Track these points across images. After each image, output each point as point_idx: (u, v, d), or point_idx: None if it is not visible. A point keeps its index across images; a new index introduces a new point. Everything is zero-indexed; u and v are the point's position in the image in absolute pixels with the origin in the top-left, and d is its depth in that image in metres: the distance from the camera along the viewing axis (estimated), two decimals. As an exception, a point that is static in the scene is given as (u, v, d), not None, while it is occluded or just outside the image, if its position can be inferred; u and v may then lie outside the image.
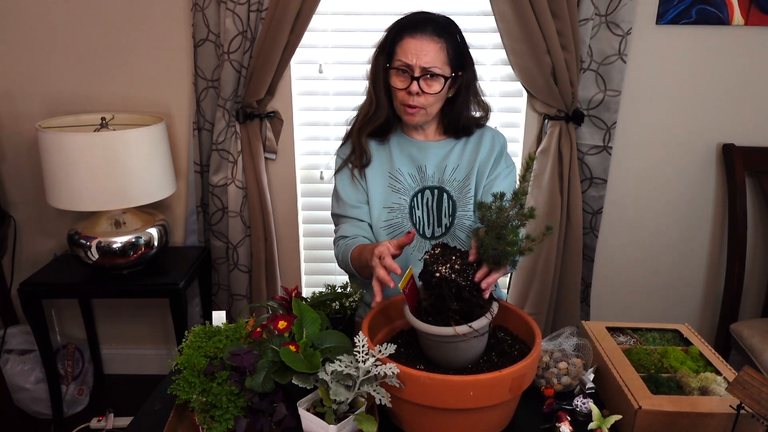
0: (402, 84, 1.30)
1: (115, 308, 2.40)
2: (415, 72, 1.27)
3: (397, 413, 1.01)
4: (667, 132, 2.11)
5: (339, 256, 1.38)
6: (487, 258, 1.00)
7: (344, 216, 1.41)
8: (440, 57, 1.27)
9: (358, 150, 1.39)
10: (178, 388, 0.96)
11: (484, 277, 1.00)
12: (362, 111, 1.40)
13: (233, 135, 2.03)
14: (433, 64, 1.26)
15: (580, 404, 1.05)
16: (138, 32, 2.02)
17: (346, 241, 1.36)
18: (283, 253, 2.28)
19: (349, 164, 1.41)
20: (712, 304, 2.35)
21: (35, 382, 2.14)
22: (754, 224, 2.20)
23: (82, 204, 1.79)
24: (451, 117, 1.38)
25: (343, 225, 1.42)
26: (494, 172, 1.39)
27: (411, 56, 1.26)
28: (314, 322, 0.98)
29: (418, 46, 1.26)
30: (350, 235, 1.37)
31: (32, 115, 2.09)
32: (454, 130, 1.40)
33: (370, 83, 1.37)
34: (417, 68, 1.26)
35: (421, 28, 1.27)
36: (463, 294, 0.98)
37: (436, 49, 1.26)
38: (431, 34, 1.27)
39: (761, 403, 0.86)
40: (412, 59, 1.26)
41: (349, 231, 1.38)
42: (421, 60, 1.26)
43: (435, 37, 1.27)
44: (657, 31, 1.98)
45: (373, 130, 1.38)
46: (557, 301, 2.19)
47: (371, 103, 1.37)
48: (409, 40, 1.27)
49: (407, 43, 1.27)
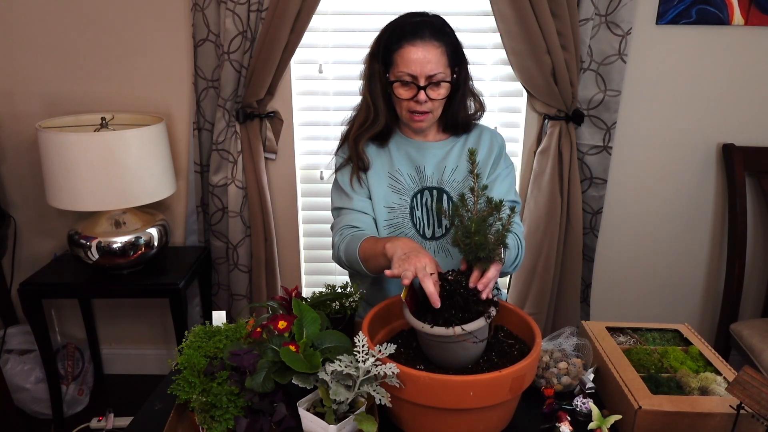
0: (408, 94, 1.27)
1: (115, 308, 2.40)
2: (420, 81, 1.24)
3: (397, 413, 1.01)
4: (667, 132, 2.11)
5: (341, 246, 1.31)
6: (469, 256, 1.01)
7: (349, 209, 1.38)
8: (442, 61, 1.25)
9: (355, 158, 1.37)
10: (178, 388, 0.96)
11: (478, 280, 1.01)
12: (359, 119, 1.37)
13: (233, 135, 2.03)
14: (438, 70, 1.24)
15: (580, 404, 1.05)
16: (138, 32, 2.02)
17: (353, 231, 1.32)
18: (283, 253, 2.28)
19: (351, 164, 1.40)
20: (712, 304, 2.35)
21: (35, 382, 2.13)
22: (754, 224, 2.20)
23: (82, 204, 1.79)
24: (450, 115, 1.37)
25: (347, 215, 1.37)
26: (494, 172, 1.39)
27: (415, 66, 1.23)
28: (314, 322, 0.98)
29: (421, 55, 1.22)
30: (359, 226, 1.33)
31: (32, 115, 2.09)
32: (454, 127, 1.40)
33: (365, 91, 1.34)
34: (422, 78, 1.24)
35: (420, 34, 1.23)
36: (456, 299, 0.99)
37: (438, 55, 1.24)
38: (431, 39, 1.24)
39: (761, 403, 0.86)
40: (416, 69, 1.23)
41: (357, 222, 1.34)
42: (426, 69, 1.23)
43: (435, 41, 1.24)
44: (657, 31, 1.98)
45: (371, 136, 1.37)
46: (557, 301, 2.19)
47: (369, 111, 1.34)
48: (409, 48, 1.23)
49: (408, 52, 1.23)
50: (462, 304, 1.00)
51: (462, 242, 1.01)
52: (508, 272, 1.31)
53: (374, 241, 1.21)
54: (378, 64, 1.30)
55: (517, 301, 2.17)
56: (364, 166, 1.37)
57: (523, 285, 2.15)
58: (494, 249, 1.00)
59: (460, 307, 1.00)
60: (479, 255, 1.00)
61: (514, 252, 1.26)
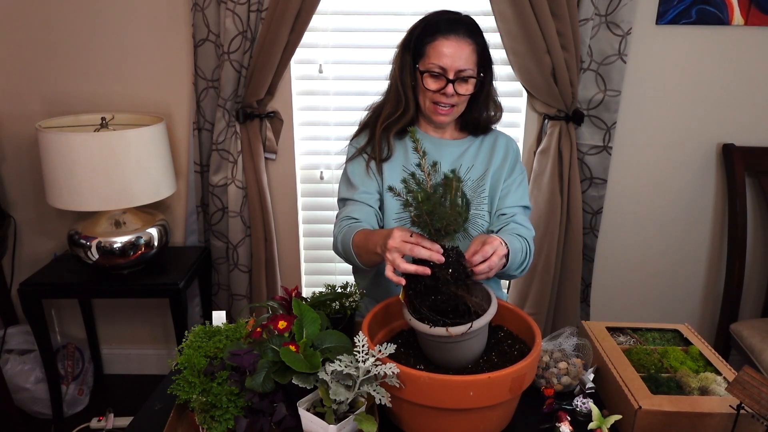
0: (436, 86, 1.30)
1: (115, 308, 2.40)
2: (449, 75, 1.27)
3: (397, 413, 1.01)
4: (667, 132, 2.11)
5: (339, 237, 1.31)
6: (426, 229, 0.98)
7: (352, 200, 1.38)
8: (472, 59, 1.28)
9: (379, 146, 1.38)
10: (178, 388, 0.96)
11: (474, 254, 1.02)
12: (387, 109, 1.38)
13: (233, 135, 2.03)
14: (467, 66, 1.27)
15: (580, 404, 1.05)
16: (138, 32, 2.02)
17: (351, 222, 1.32)
18: (283, 253, 2.29)
19: (365, 155, 1.41)
20: (712, 304, 2.35)
21: (35, 382, 2.13)
22: (754, 224, 2.20)
23: (82, 204, 1.79)
24: (472, 115, 1.39)
25: (349, 206, 1.38)
26: (509, 178, 1.41)
27: (446, 59, 1.26)
28: (314, 322, 0.98)
29: (454, 48, 1.26)
30: (359, 218, 1.33)
31: (32, 115, 2.09)
32: (473, 127, 1.42)
33: (396, 82, 1.36)
34: (452, 71, 1.27)
35: (455, 30, 1.27)
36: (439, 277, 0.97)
37: (469, 51, 1.27)
38: (464, 36, 1.27)
39: (761, 403, 0.86)
40: (447, 62, 1.26)
41: (356, 213, 1.34)
42: (457, 63, 1.26)
43: (468, 38, 1.27)
44: (657, 31, 1.98)
45: (399, 128, 1.39)
46: (557, 301, 2.19)
47: (399, 102, 1.36)
48: (443, 41, 1.26)
49: (441, 45, 1.26)
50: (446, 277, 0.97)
51: (416, 217, 0.98)
52: (514, 275, 1.31)
53: (365, 235, 1.21)
54: (409, 55, 1.32)
55: (517, 301, 2.17)
56: (388, 155, 1.38)
57: (523, 285, 2.15)
58: (453, 219, 0.96)
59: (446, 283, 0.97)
60: (436, 226, 0.96)
61: (520, 255, 1.25)
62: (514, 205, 1.39)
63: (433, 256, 0.96)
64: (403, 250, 0.99)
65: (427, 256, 0.97)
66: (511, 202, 1.39)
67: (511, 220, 1.35)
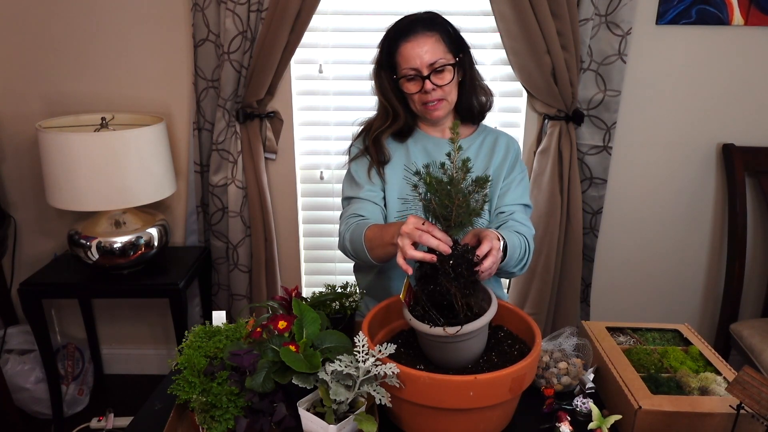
0: (416, 87, 1.32)
1: (115, 308, 2.40)
2: (423, 72, 1.29)
3: (397, 413, 1.01)
4: (667, 132, 2.11)
5: (346, 234, 1.31)
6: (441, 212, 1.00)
7: (358, 198, 1.38)
8: (439, 48, 1.29)
9: (374, 154, 1.40)
10: (178, 388, 0.96)
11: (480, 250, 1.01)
12: (377, 123, 1.41)
13: (233, 135, 2.03)
14: (436, 57, 1.28)
15: (580, 404, 1.05)
16: (138, 32, 2.02)
17: (359, 220, 1.32)
18: (283, 253, 2.28)
19: (367, 155, 1.42)
20: (712, 304, 2.35)
21: (35, 382, 2.13)
22: (754, 224, 2.20)
23: (82, 204, 1.79)
24: (462, 104, 1.40)
25: (354, 204, 1.38)
26: (509, 177, 1.42)
27: (414, 59, 1.28)
28: (314, 322, 0.98)
29: (416, 47, 1.28)
30: (366, 215, 1.33)
31: (32, 115, 2.09)
32: (470, 116, 1.43)
33: (380, 97, 1.40)
34: (424, 68, 1.29)
35: (413, 30, 1.30)
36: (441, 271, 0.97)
37: (432, 43, 1.29)
38: (423, 31, 1.29)
39: (761, 403, 0.86)
40: (416, 62, 1.28)
41: (363, 210, 1.34)
42: (425, 58, 1.28)
43: (427, 32, 1.29)
44: (657, 31, 1.98)
45: (393, 132, 1.41)
46: (557, 301, 2.19)
47: (387, 114, 1.39)
48: (405, 45, 1.30)
49: (404, 49, 1.29)
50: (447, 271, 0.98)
51: (437, 206, 0.99)
52: (513, 273, 1.31)
53: (380, 228, 1.21)
54: (384, 71, 1.36)
55: (517, 301, 2.17)
56: (384, 159, 1.40)
57: (523, 285, 2.15)
58: (468, 215, 0.99)
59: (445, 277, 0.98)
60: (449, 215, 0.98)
61: (519, 252, 1.25)
62: (514, 203, 1.39)
63: (440, 246, 0.98)
64: (414, 236, 1.01)
65: (435, 245, 0.98)
66: (511, 200, 1.39)
67: (509, 218, 1.35)
